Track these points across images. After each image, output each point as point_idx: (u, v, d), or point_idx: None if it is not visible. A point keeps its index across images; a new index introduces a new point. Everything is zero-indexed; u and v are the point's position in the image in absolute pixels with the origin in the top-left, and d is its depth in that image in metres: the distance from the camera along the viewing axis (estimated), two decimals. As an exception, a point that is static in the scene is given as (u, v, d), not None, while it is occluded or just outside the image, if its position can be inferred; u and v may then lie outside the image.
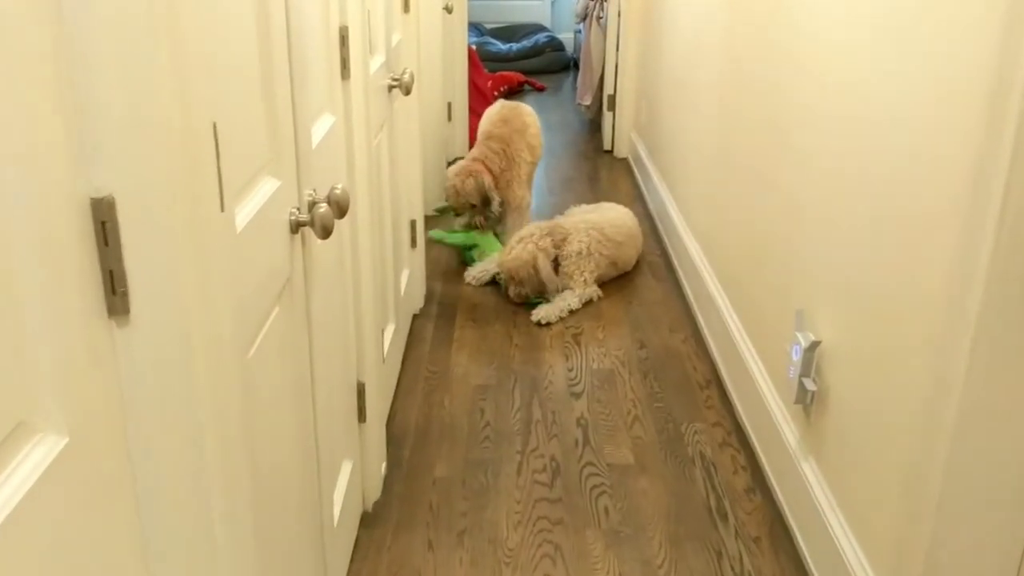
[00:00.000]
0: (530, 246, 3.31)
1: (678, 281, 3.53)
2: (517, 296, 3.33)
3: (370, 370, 2.10)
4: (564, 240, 3.38)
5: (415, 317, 3.24)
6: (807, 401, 2.02)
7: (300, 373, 1.48)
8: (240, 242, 1.12)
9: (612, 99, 5.28)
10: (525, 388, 2.77)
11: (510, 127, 3.80)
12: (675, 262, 3.65)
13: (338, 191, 1.50)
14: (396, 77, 2.50)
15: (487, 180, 3.63)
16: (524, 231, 3.41)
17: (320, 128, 1.63)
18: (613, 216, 3.57)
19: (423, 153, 3.78)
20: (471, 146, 5.34)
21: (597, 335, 3.12)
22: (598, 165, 5.19)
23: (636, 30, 5.03)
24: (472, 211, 3.66)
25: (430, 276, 3.58)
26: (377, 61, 2.31)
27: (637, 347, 3.03)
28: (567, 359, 2.95)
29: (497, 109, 4.04)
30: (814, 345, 1.97)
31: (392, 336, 2.62)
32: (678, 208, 3.74)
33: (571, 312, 3.27)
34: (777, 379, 2.29)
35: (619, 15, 5.14)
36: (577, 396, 2.73)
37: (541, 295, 3.32)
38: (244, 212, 1.16)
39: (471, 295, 3.44)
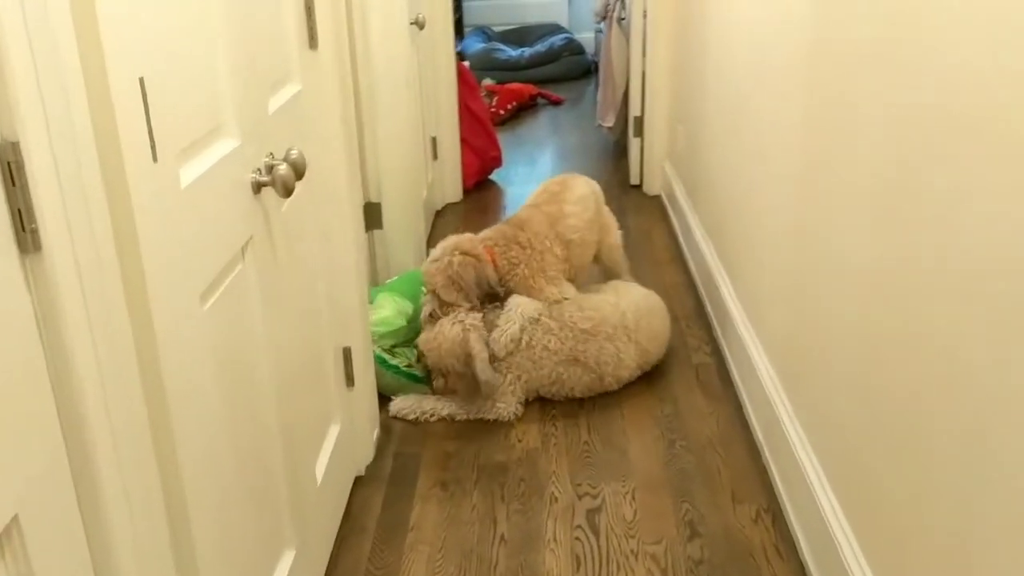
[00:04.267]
0: (457, 326, 2.43)
1: (740, 402, 2.50)
2: (442, 391, 2.53)
3: None
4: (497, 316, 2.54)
5: (358, 482, 2.23)
6: None
7: None
8: None
9: (639, 122, 4.23)
10: (511, 632, 1.76)
11: (539, 210, 2.69)
12: (732, 369, 2.61)
13: None
14: (270, 163, 1.49)
15: (490, 272, 2.55)
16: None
17: None
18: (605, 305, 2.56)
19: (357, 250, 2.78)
20: (466, 187, 4.35)
21: (624, 512, 2.09)
22: (624, 205, 4.14)
23: (667, 33, 3.97)
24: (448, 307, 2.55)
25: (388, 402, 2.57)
26: (224, 147, 1.32)
27: (686, 535, 2.00)
28: (579, 564, 1.94)
29: (546, 183, 2.84)
30: None
31: (290, 571, 1.62)
32: (733, 288, 2.70)
33: (432, 418, 2.49)
34: None
35: (644, 15, 4.09)
36: (592, 653, 1.71)
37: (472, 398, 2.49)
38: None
39: (442, 434, 2.43)
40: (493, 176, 4.59)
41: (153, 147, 1.05)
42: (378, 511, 2.13)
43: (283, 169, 1.45)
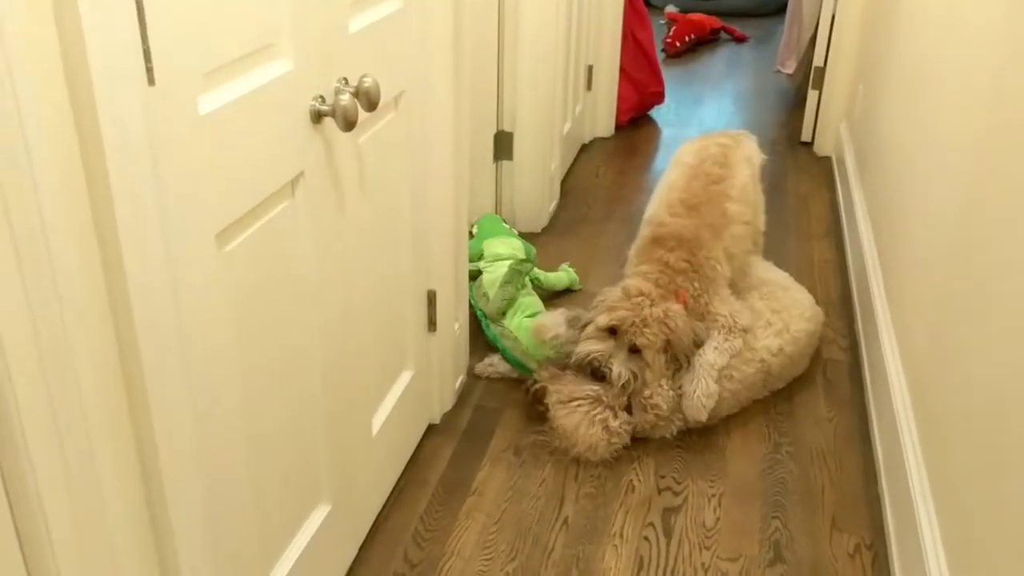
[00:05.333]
0: (597, 415, 2.00)
1: (866, 414, 2.21)
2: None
3: None
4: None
5: (431, 430, 2.12)
6: None
7: None
8: None
9: (820, 73, 3.82)
10: (548, 632, 1.62)
11: (701, 219, 2.21)
12: (866, 373, 2.31)
13: None
14: (339, 90, 1.33)
15: (701, 330, 2.12)
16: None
17: None
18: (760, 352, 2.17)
19: (473, 164, 2.59)
20: (619, 123, 4.08)
21: (705, 517, 1.88)
22: (788, 164, 3.78)
23: (867, -22, 3.53)
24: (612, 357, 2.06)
25: (480, 345, 2.42)
26: (272, 71, 1.17)
27: (768, 557, 1.78)
28: (640, 566, 1.75)
29: (703, 156, 2.38)
30: None
31: (321, 526, 1.52)
32: (883, 280, 2.38)
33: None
34: None
35: (846, -46, 3.64)
36: (630, 676, 1.54)
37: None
38: None
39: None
40: (652, 113, 4.30)
41: (150, 69, 0.91)
42: (444, 466, 2.01)
43: (345, 99, 1.29)
